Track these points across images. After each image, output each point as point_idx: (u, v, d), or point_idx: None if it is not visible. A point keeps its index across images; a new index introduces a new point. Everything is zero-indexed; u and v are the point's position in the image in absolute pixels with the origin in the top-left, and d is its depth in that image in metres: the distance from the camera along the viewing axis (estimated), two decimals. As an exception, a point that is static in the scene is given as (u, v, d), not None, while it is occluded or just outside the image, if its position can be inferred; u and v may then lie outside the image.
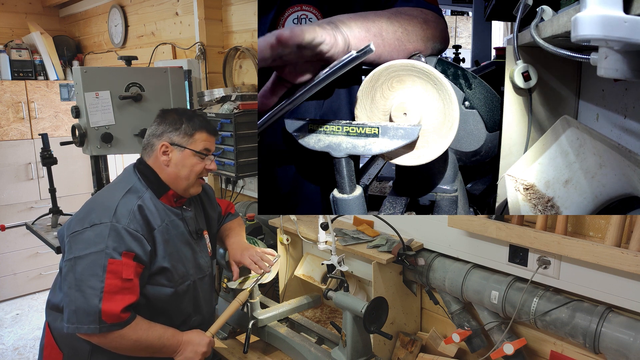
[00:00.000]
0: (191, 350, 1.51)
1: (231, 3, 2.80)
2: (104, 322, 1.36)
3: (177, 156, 1.56)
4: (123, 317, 1.38)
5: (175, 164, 1.56)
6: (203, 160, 1.59)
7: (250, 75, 2.77)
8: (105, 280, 1.36)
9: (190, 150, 1.56)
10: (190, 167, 1.57)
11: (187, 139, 1.56)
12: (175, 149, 1.56)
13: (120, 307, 1.37)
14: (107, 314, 1.35)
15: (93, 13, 4.31)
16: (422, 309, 1.96)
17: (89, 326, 1.36)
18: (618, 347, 1.31)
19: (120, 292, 1.38)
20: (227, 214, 1.95)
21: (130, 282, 1.40)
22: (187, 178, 1.57)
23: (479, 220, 1.57)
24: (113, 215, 1.43)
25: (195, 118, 1.60)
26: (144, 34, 3.64)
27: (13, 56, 4.16)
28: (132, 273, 1.40)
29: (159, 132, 1.58)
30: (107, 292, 1.36)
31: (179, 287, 1.54)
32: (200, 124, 1.59)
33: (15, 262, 4.29)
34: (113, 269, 1.38)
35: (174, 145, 1.56)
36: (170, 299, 1.53)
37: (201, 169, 1.59)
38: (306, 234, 2.05)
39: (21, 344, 3.60)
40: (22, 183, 4.22)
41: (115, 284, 1.37)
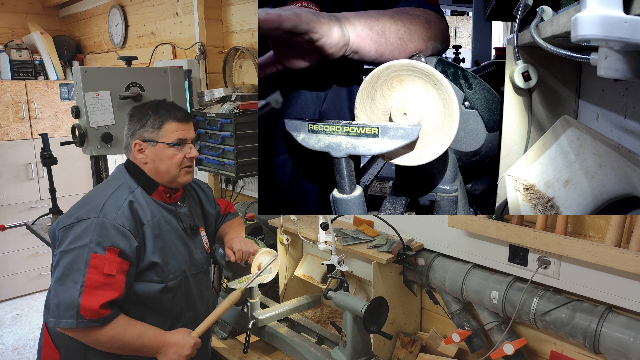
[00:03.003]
0: (174, 352, 1.47)
1: (231, 3, 2.80)
2: (82, 317, 1.34)
3: (152, 152, 1.53)
4: (102, 313, 1.36)
5: (152, 160, 1.54)
6: (181, 150, 1.55)
7: (250, 75, 2.77)
8: (86, 275, 1.35)
9: (162, 143, 1.53)
10: (168, 160, 1.53)
11: (156, 132, 1.53)
12: (149, 145, 1.53)
13: (99, 303, 1.35)
14: (85, 308, 1.34)
15: (93, 13, 4.31)
16: (422, 309, 1.96)
17: (67, 320, 1.34)
18: (618, 347, 1.31)
19: (101, 287, 1.36)
20: (226, 213, 1.94)
21: (112, 278, 1.38)
22: (168, 171, 1.54)
23: (479, 220, 1.57)
24: (100, 211, 1.43)
25: (162, 108, 1.56)
26: (144, 34, 3.64)
27: (13, 56, 4.16)
28: (115, 269, 1.39)
29: (131, 131, 1.56)
30: (88, 287, 1.35)
31: (169, 283, 1.52)
32: (168, 114, 1.54)
33: (15, 262, 4.29)
34: (95, 263, 1.37)
35: (146, 141, 1.53)
36: (160, 294, 1.51)
37: (180, 159, 1.54)
38: (306, 234, 2.05)
39: (21, 344, 3.60)
40: (22, 183, 4.22)
41: (97, 279, 1.36)
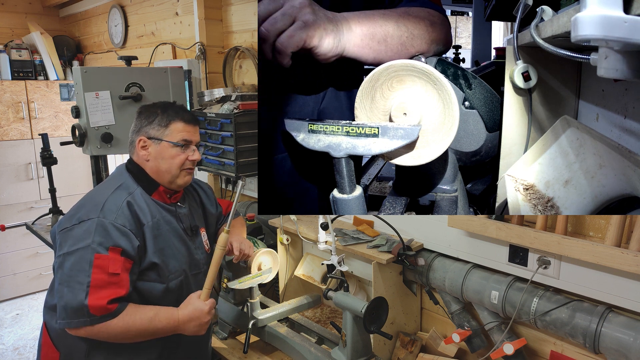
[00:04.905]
0: (194, 325, 1.48)
1: (231, 3, 2.80)
2: (92, 315, 1.35)
3: (155, 149, 1.54)
4: (110, 308, 1.37)
5: (154, 158, 1.55)
6: (184, 151, 1.55)
7: (250, 75, 2.77)
8: (91, 275, 1.36)
9: (167, 142, 1.53)
10: (170, 159, 1.54)
11: (162, 131, 1.54)
12: (153, 143, 1.54)
13: (106, 300, 1.36)
14: (94, 307, 1.34)
15: (93, 13, 4.31)
16: (422, 309, 1.96)
17: (78, 320, 1.35)
18: (618, 347, 1.31)
19: (107, 286, 1.37)
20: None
21: (117, 277, 1.39)
22: (169, 171, 1.54)
23: (479, 220, 1.57)
24: (100, 211, 1.43)
25: (170, 109, 1.57)
26: (144, 34, 3.64)
27: (13, 56, 4.17)
28: (120, 267, 1.39)
29: (137, 128, 1.57)
30: (94, 287, 1.35)
31: (170, 283, 1.53)
32: (175, 114, 1.55)
33: (15, 262, 4.29)
34: (99, 263, 1.37)
35: (151, 139, 1.54)
36: (162, 294, 1.52)
37: (182, 160, 1.55)
38: (306, 234, 2.05)
39: (21, 344, 3.60)
40: (22, 183, 4.22)
41: (102, 279, 1.37)
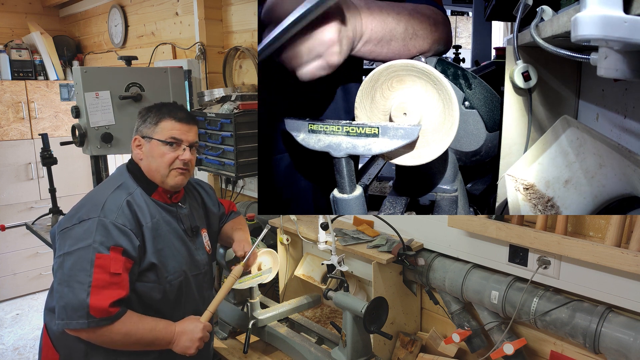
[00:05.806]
0: (186, 339, 1.49)
1: (231, 3, 2.80)
2: (92, 317, 1.34)
3: (147, 148, 1.54)
4: (112, 311, 1.36)
5: (146, 156, 1.54)
6: (174, 150, 1.53)
7: (250, 75, 2.76)
8: (93, 275, 1.35)
9: (156, 140, 1.52)
10: (159, 158, 1.52)
11: (152, 129, 1.53)
12: (145, 141, 1.54)
13: (108, 302, 1.35)
14: (95, 308, 1.34)
15: (93, 13, 4.31)
16: (422, 309, 1.96)
17: (77, 321, 1.34)
18: (618, 347, 1.31)
19: (109, 286, 1.37)
20: (230, 212, 1.95)
21: (118, 277, 1.38)
22: (158, 170, 1.53)
23: (479, 220, 1.57)
24: (101, 211, 1.43)
25: (165, 108, 1.56)
26: (144, 34, 3.64)
27: (13, 56, 4.17)
28: (121, 267, 1.39)
29: (135, 127, 1.58)
30: (95, 287, 1.35)
31: (170, 284, 1.53)
32: (168, 113, 1.54)
33: (15, 262, 4.29)
34: (101, 263, 1.36)
35: (144, 137, 1.54)
36: (161, 295, 1.52)
37: (171, 159, 1.52)
38: (306, 234, 2.05)
39: (21, 344, 3.60)
40: (22, 183, 4.22)
41: (103, 279, 1.36)
